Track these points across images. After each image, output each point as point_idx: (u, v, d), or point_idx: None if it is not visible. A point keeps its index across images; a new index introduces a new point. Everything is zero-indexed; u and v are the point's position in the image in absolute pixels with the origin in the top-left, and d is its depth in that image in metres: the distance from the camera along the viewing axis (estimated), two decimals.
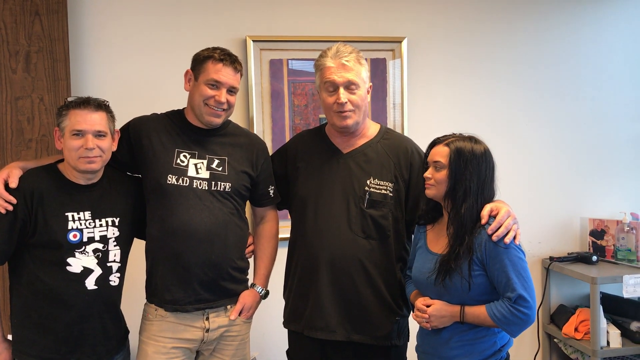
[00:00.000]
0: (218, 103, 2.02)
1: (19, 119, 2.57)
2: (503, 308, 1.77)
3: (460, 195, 1.83)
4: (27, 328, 1.88)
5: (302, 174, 2.15)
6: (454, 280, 1.81)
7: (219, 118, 2.05)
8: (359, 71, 2.04)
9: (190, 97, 2.07)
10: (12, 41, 2.55)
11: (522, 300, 1.75)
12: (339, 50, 2.04)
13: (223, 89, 2.01)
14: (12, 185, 1.83)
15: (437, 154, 1.87)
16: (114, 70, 2.81)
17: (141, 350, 2.07)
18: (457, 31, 3.15)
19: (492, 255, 1.78)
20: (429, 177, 1.88)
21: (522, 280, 1.77)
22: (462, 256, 1.80)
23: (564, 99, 3.28)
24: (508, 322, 1.77)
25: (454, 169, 1.84)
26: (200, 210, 2.01)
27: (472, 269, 1.80)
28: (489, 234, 1.79)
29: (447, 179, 1.85)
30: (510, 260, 1.78)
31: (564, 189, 3.30)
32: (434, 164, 1.87)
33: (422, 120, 3.09)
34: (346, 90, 2.02)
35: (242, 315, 2.12)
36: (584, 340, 2.98)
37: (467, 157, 1.84)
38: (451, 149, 1.85)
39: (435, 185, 1.87)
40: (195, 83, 2.03)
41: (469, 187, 1.83)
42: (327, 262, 2.04)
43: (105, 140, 1.89)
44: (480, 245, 1.80)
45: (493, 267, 1.79)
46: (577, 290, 3.30)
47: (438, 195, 1.88)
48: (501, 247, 1.78)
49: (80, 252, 1.88)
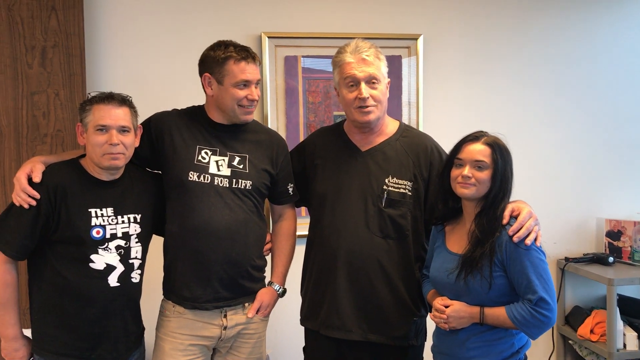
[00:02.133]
0: (251, 101, 2.02)
1: (35, 114, 2.56)
2: (523, 310, 1.75)
3: (501, 195, 1.82)
4: (48, 324, 1.87)
5: (320, 172, 2.14)
6: (475, 280, 1.79)
7: (251, 114, 2.07)
8: (379, 66, 2.02)
9: (218, 99, 2.03)
10: (28, 36, 2.54)
11: (543, 302, 1.74)
12: (358, 46, 2.02)
13: (252, 85, 2.01)
14: (36, 180, 1.81)
15: (478, 153, 1.83)
16: (129, 66, 2.80)
17: (158, 347, 2.06)
18: (474, 29, 3.13)
19: (513, 257, 1.77)
20: (469, 176, 1.83)
21: (543, 282, 1.75)
22: (484, 256, 1.79)
23: (580, 99, 3.26)
24: (528, 324, 1.76)
25: (499, 169, 1.82)
26: (221, 207, 1.99)
27: (492, 269, 1.78)
28: (510, 235, 1.77)
29: (490, 179, 1.82)
30: (531, 262, 1.76)
31: (580, 189, 3.27)
32: (476, 163, 1.83)
33: (438, 118, 3.07)
34: (367, 85, 2.01)
35: (260, 313, 2.11)
36: (600, 343, 2.96)
37: (506, 158, 1.84)
38: (494, 148, 1.83)
39: (477, 185, 1.83)
40: (221, 87, 2.00)
41: (508, 188, 1.83)
42: (344, 261, 2.03)
43: (129, 136, 1.88)
44: (500, 246, 1.78)
45: (513, 269, 1.77)
46: (592, 292, 3.27)
47: (477, 195, 1.84)
48: (522, 249, 1.76)
49: (103, 248, 1.87)
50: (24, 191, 1.79)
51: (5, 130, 2.52)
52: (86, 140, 1.87)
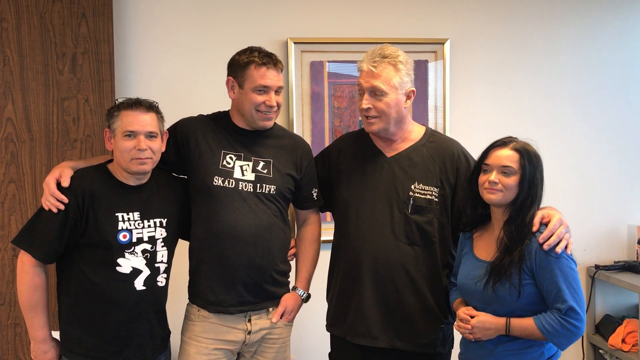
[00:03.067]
0: (269, 107, 2.02)
1: (65, 119, 2.60)
2: (552, 320, 1.72)
3: (529, 202, 1.79)
4: (75, 327, 1.89)
5: (345, 177, 2.13)
6: (504, 288, 1.77)
7: (271, 121, 2.07)
8: (388, 77, 1.96)
9: (239, 104, 2.05)
10: (59, 43, 2.59)
11: (573, 312, 1.71)
12: (373, 54, 1.99)
13: (271, 92, 2.01)
14: (65, 185, 1.84)
15: (506, 158, 1.81)
16: (157, 72, 2.83)
17: (183, 350, 2.07)
18: (501, 34, 3.09)
19: (543, 265, 1.74)
20: (496, 182, 1.80)
21: (572, 291, 1.72)
22: (513, 264, 1.76)
23: (612, 104, 3.19)
24: (557, 335, 1.72)
25: (527, 175, 1.79)
26: (246, 212, 2.00)
27: (522, 277, 1.75)
28: (540, 243, 1.74)
29: (517, 185, 1.79)
30: (561, 271, 1.73)
31: (611, 195, 3.21)
32: (503, 168, 1.80)
33: (464, 123, 3.04)
34: (371, 96, 1.98)
35: (284, 318, 2.11)
36: (632, 353, 2.90)
37: (535, 164, 1.80)
38: (522, 154, 1.80)
39: (504, 192, 1.80)
40: (242, 91, 2.02)
41: (537, 194, 1.80)
42: (370, 268, 2.01)
43: (156, 141, 1.90)
44: (530, 254, 1.75)
45: (543, 277, 1.74)
46: (623, 300, 3.20)
47: (504, 201, 1.82)
48: (552, 257, 1.73)
49: (129, 252, 1.89)
50: (52, 196, 1.82)
51: (36, 135, 2.57)
52: (114, 146, 1.89)
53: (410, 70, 2.02)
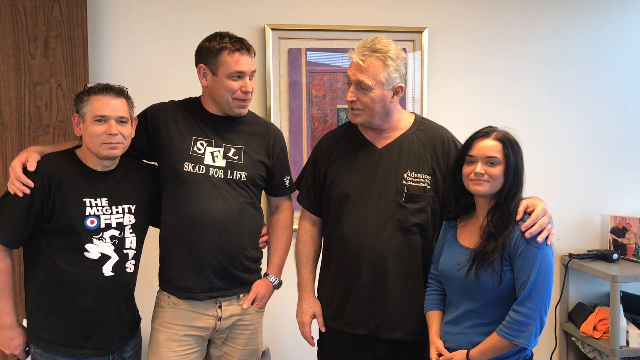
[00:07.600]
0: (245, 93, 2.01)
1: (37, 105, 2.57)
2: (507, 318, 1.75)
3: (514, 190, 1.81)
4: (42, 313, 1.88)
5: (337, 171, 2.09)
6: (486, 274, 1.78)
7: (246, 108, 2.06)
8: (375, 72, 1.92)
9: (213, 91, 2.03)
10: (31, 26, 2.55)
11: (529, 301, 1.72)
12: (364, 46, 1.94)
13: (246, 77, 2.00)
14: (30, 169, 1.83)
15: (490, 149, 1.81)
16: (131, 57, 2.80)
17: (153, 337, 2.07)
18: (480, 23, 3.09)
19: (520, 251, 1.75)
20: (482, 173, 1.80)
21: (540, 281, 1.73)
22: (496, 250, 1.78)
23: (587, 95, 3.21)
24: (512, 327, 1.74)
25: (512, 164, 1.80)
26: (216, 198, 2.00)
27: (502, 263, 1.77)
28: (522, 231, 1.76)
29: (502, 175, 1.81)
30: (536, 260, 1.74)
31: (585, 185, 3.23)
32: (488, 159, 1.81)
33: (442, 113, 3.02)
34: (357, 89, 1.96)
35: (255, 304, 2.11)
36: (603, 340, 2.93)
37: (517, 152, 1.82)
38: (505, 143, 1.81)
39: (490, 182, 1.81)
40: (215, 78, 2.00)
41: (521, 182, 1.82)
42: (365, 258, 1.99)
43: (127, 127, 1.89)
44: (511, 241, 1.77)
45: (517, 262, 1.76)
46: (596, 289, 3.24)
47: (491, 191, 1.82)
48: (533, 247, 1.75)
49: (97, 238, 1.88)
50: (18, 179, 1.80)
51: (7, 120, 2.54)
52: (83, 131, 1.87)
53: (400, 65, 1.97)
